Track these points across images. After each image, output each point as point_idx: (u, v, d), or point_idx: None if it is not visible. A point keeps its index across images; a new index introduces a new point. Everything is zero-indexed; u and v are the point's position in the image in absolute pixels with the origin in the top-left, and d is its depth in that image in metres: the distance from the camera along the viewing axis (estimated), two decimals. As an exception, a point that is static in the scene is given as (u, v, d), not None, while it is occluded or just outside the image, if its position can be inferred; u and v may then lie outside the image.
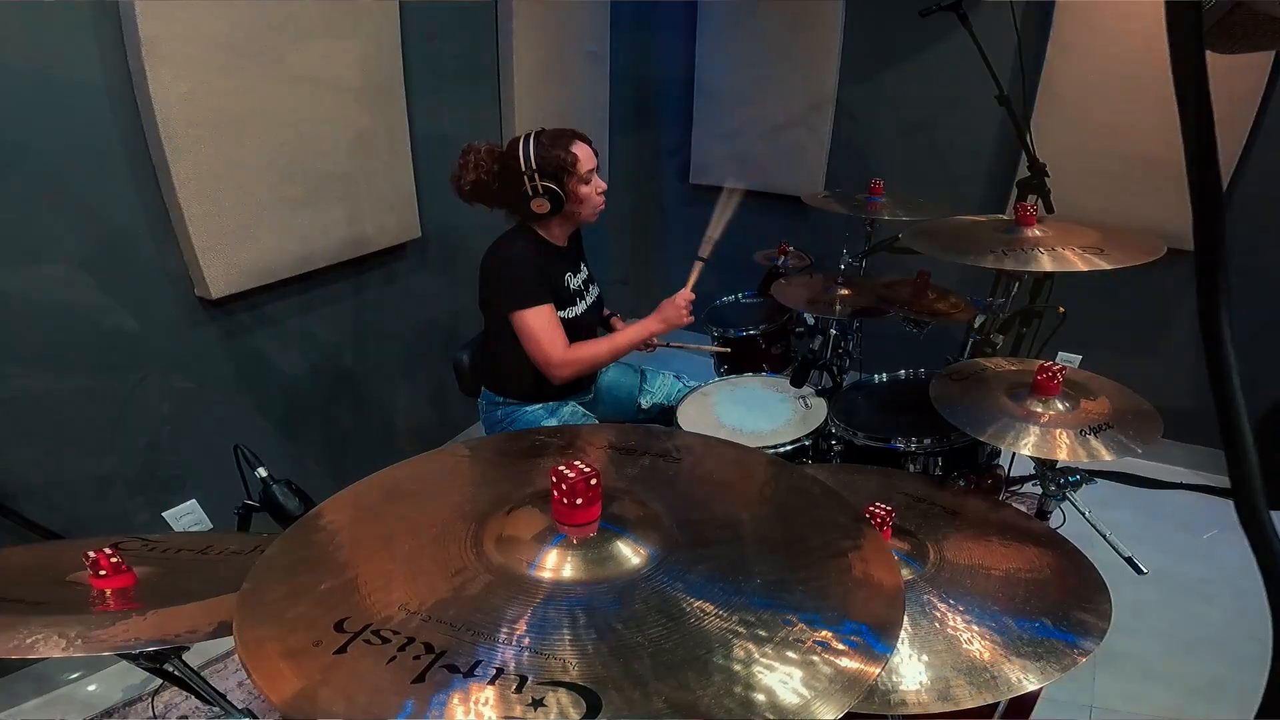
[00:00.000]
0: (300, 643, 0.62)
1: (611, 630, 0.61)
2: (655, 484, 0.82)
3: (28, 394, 1.57)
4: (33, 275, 1.53)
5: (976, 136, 2.60)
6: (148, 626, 0.81)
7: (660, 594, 0.66)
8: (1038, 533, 1.18)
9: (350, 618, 0.64)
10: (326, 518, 0.82)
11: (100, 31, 1.50)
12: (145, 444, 1.81)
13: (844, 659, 0.60)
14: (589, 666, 0.58)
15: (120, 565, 0.94)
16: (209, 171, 1.69)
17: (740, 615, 0.64)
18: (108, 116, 1.56)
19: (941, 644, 0.96)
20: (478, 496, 0.83)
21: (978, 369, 1.43)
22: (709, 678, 0.58)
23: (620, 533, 0.71)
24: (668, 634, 0.61)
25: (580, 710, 0.55)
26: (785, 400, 1.84)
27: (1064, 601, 1.03)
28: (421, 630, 0.62)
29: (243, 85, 1.71)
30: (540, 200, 1.60)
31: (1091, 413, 1.25)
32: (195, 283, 1.78)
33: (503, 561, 0.69)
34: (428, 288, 2.45)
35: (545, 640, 0.61)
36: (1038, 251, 1.47)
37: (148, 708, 1.81)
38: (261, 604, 0.69)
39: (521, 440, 0.99)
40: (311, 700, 0.57)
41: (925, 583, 1.04)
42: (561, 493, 0.68)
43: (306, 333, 2.12)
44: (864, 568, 0.72)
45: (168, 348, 1.79)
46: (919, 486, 1.29)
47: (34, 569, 0.99)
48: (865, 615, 0.65)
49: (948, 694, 0.91)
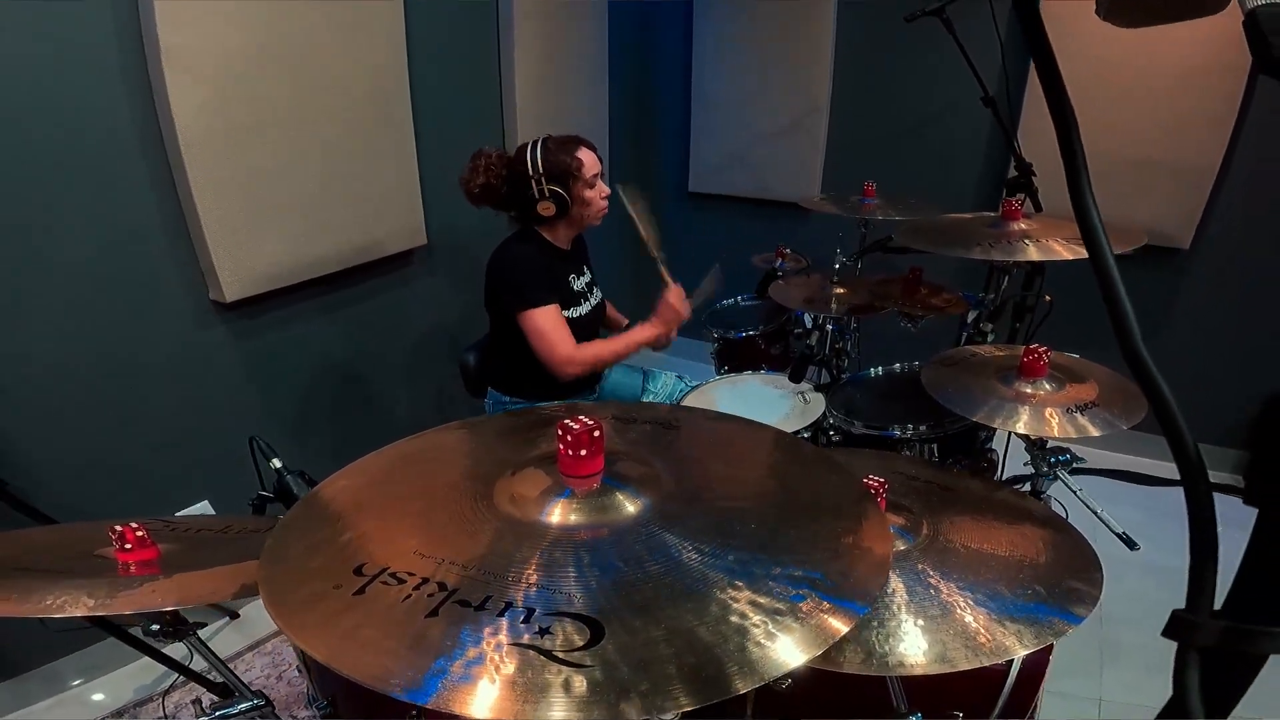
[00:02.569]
0: (321, 587, 0.66)
1: (614, 569, 0.65)
2: (655, 447, 0.86)
3: (43, 394, 1.62)
4: (51, 277, 1.59)
5: (967, 139, 2.67)
6: (171, 587, 0.85)
7: (659, 538, 0.70)
8: (1032, 509, 1.21)
9: (367, 564, 0.68)
10: (342, 483, 0.86)
11: (122, 41, 1.58)
12: (157, 445, 1.85)
13: (821, 613, 0.62)
14: (593, 600, 0.62)
15: (145, 539, 0.98)
16: (224, 178, 1.76)
17: (734, 557, 0.67)
18: (128, 124, 1.63)
19: (937, 610, 0.99)
20: (485, 461, 0.87)
21: (968, 355, 1.47)
22: (707, 610, 0.62)
23: (621, 486, 0.75)
24: (666, 572, 0.65)
25: (585, 637, 0.59)
26: (784, 396, 1.88)
27: (1056, 571, 1.06)
28: (435, 572, 0.66)
29: (258, 94, 1.78)
30: (546, 203, 1.67)
31: (1079, 393, 1.29)
32: (210, 286, 1.84)
33: (511, 513, 0.73)
34: (434, 293, 2.51)
35: (552, 578, 0.65)
36: (1024, 243, 1.52)
37: (159, 708, 1.82)
38: (284, 557, 0.73)
39: (527, 415, 1.03)
40: (331, 637, 0.61)
41: (919, 553, 1.07)
42: (567, 444, 0.73)
43: (317, 336, 2.18)
44: (855, 532, 0.75)
45: (181, 350, 1.85)
46: (915, 468, 1.32)
47: (59, 545, 1.03)
48: (847, 575, 0.67)
49: (944, 656, 0.94)
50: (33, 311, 1.57)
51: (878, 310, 1.95)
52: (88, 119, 1.57)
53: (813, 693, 1.13)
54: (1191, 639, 0.32)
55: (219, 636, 2.03)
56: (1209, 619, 0.32)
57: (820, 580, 0.66)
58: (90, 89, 1.56)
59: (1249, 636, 0.31)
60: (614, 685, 0.55)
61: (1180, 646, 0.34)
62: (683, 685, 0.55)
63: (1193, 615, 0.33)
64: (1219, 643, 0.32)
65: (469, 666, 0.57)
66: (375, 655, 0.59)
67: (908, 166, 2.80)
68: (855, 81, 2.85)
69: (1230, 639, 0.32)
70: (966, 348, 1.55)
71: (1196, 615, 0.33)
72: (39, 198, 1.53)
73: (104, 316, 1.68)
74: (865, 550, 0.72)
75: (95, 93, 1.57)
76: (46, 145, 1.52)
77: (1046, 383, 1.31)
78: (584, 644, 0.58)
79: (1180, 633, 0.33)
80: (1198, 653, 0.33)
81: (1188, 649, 0.33)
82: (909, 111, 2.78)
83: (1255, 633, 0.31)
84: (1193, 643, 0.32)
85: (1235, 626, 0.31)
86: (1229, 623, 0.32)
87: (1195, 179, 2.34)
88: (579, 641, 0.59)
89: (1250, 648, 0.31)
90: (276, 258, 1.93)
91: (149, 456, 1.84)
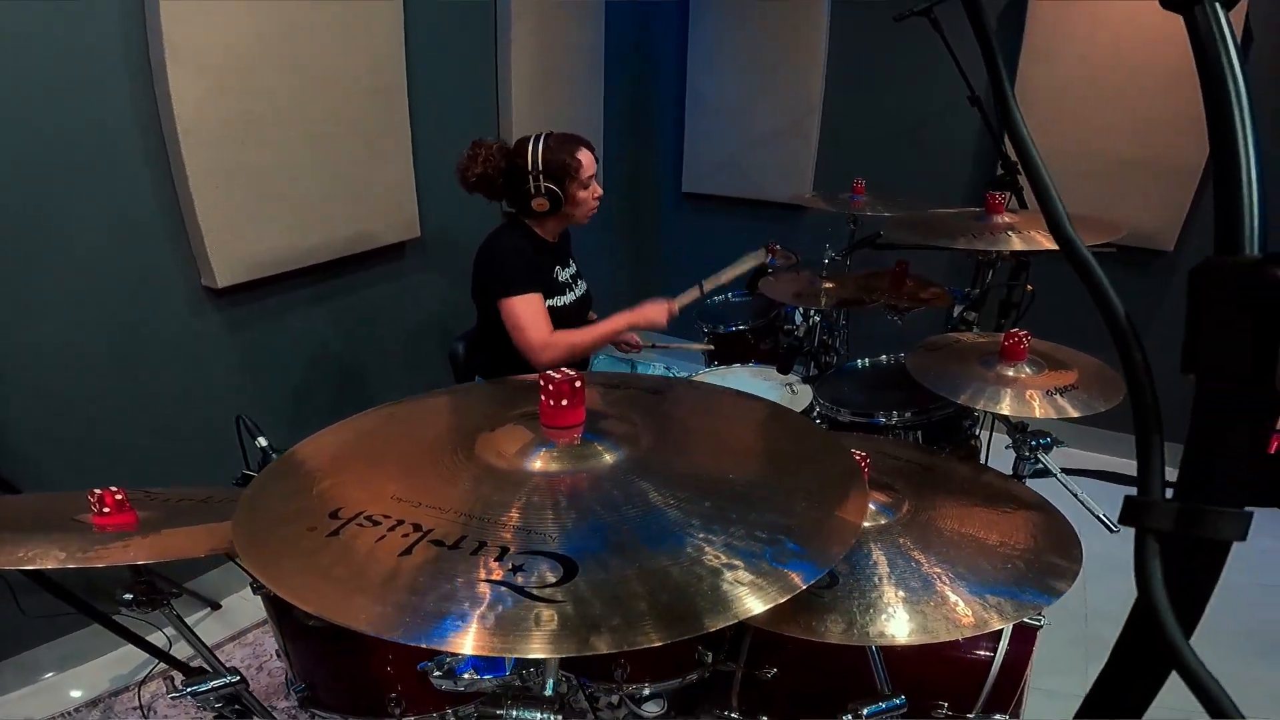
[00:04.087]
0: (295, 531, 0.66)
1: (591, 512, 0.66)
2: (638, 408, 0.87)
3: (34, 377, 1.62)
4: (49, 262, 1.59)
5: (957, 139, 2.71)
6: (144, 544, 0.84)
7: (636, 486, 0.70)
8: (1014, 490, 1.22)
9: (344, 508, 0.68)
10: (323, 440, 0.86)
11: (126, 34, 1.60)
12: (146, 429, 1.84)
13: (787, 561, 0.62)
14: (568, 540, 0.62)
15: (124, 503, 0.97)
16: (221, 167, 1.78)
17: (710, 504, 0.68)
18: (129, 114, 1.65)
19: (918, 582, 0.99)
20: (469, 419, 0.87)
21: (951, 341, 1.49)
22: (681, 552, 0.62)
23: (601, 439, 0.76)
24: (642, 516, 0.66)
25: (558, 575, 0.59)
26: (773, 388, 1.89)
27: (1036, 548, 1.06)
28: (411, 514, 0.66)
29: (257, 87, 1.80)
30: (541, 199, 1.68)
31: (1059, 377, 1.31)
32: (202, 272, 1.84)
33: (492, 462, 0.73)
34: (425, 285, 2.52)
35: (527, 521, 0.65)
36: (1007, 234, 1.54)
37: (134, 698, 1.79)
38: (259, 505, 0.73)
39: (513, 381, 1.04)
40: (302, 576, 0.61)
41: (901, 528, 1.07)
42: (548, 394, 0.73)
43: (308, 324, 2.18)
44: (830, 492, 0.75)
45: (173, 334, 1.85)
46: (900, 449, 1.33)
47: (39, 510, 1.02)
48: (813, 538, 0.66)
49: (925, 628, 0.93)
50: (31, 296, 1.58)
51: (865, 304, 1.97)
52: (91, 110, 1.59)
53: (796, 682, 1.12)
54: (1147, 521, 0.32)
55: (199, 627, 2.00)
56: (1162, 501, 0.32)
57: (793, 529, 0.66)
58: (94, 81, 1.58)
59: (1201, 517, 0.31)
60: (585, 620, 0.55)
61: (1138, 535, 0.34)
62: (654, 620, 0.56)
63: (1145, 496, 0.33)
64: (1174, 526, 0.32)
65: (440, 603, 0.57)
66: (345, 593, 0.59)
67: (898, 166, 2.84)
68: (848, 82, 2.90)
69: (1183, 521, 0.32)
70: (950, 334, 1.57)
71: (1149, 496, 0.33)
72: (40, 184, 1.55)
73: (99, 300, 1.69)
74: (838, 510, 0.72)
75: (99, 84, 1.59)
76: (50, 134, 1.54)
77: (1027, 366, 1.33)
78: (557, 581, 0.58)
79: (1134, 515, 0.33)
80: (1156, 541, 0.33)
81: (1145, 536, 0.33)
82: (901, 112, 2.83)
83: (1207, 512, 0.31)
84: (1149, 525, 0.33)
85: (1188, 506, 0.31)
86: (1182, 504, 0.32)
87: (1181, 180, 2.38)
88: (552, 579, 0.59)
89: (1204, 531, 0.31)
90: (269, 246, 1.94)
91: (138, 438, 1.83)
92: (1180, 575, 0.33)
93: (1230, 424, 0.29)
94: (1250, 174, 0.26)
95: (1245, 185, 0.26)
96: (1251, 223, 0.26)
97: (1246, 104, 0.27)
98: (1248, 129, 0.26)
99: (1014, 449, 1.35)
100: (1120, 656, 0.35)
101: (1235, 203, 0.26)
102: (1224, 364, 0.28)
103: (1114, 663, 0.35)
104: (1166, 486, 0.35)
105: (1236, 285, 0.26)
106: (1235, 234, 0.26)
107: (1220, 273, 0.27)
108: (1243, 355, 0.27)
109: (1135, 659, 0.34)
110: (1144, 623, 0.32)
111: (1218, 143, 0.27)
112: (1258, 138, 0.26)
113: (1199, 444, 0.32)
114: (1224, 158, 0.26)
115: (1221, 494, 0.31)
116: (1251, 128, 0.26)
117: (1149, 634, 0.31)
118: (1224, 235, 0.27)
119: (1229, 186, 0.26)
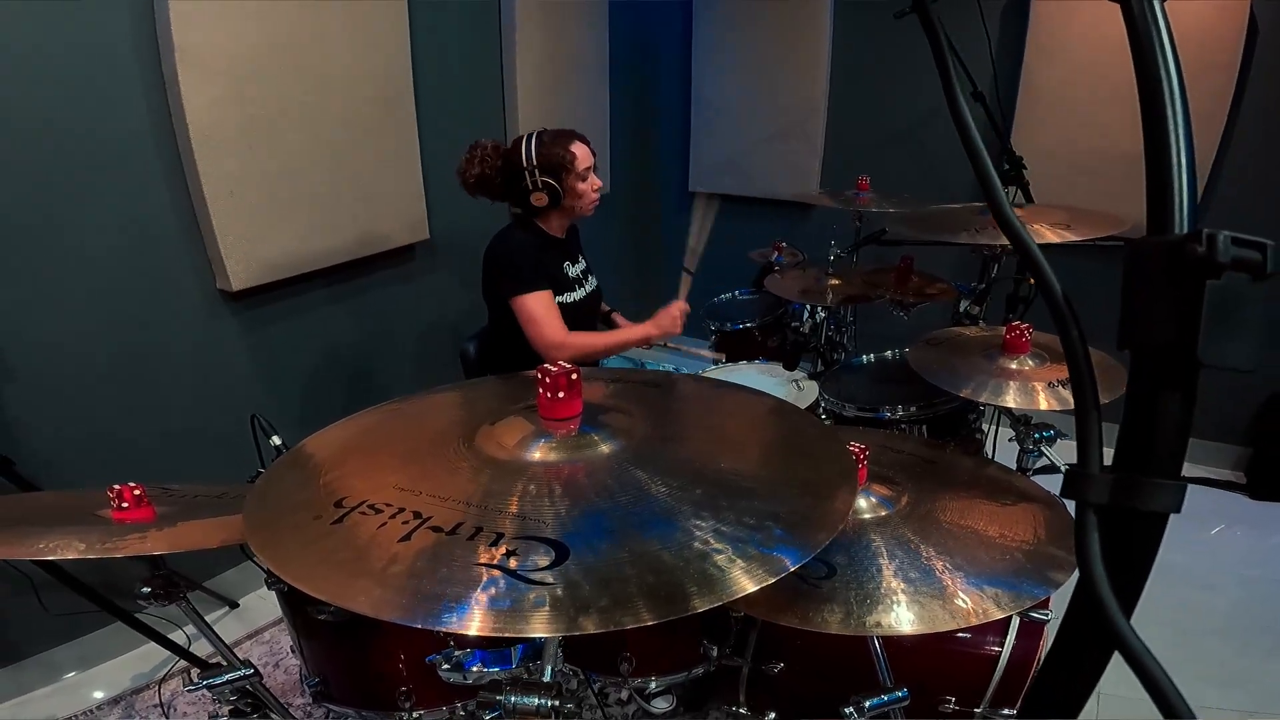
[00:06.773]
0: (302, 519, 0.69)
1: (585, 499, 0.68)
2: (636, 400, 0.88)
3: (52, 378, 1.67)
4: (66, 266, 1.64)
5: (961, 135, 2.70)
6: (161, 536, 0.87)
7: (630, 474, 0.72)
8: (1016, 483, 1.22)
9: (348, 497, 0.71)
10: (329, 436, 0.89)
11: (137, 39, 1.65)
12: (164, 429, 1.89)
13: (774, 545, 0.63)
14: (561, 525, 0.65)
15: (142, 498, 1.01)
16: (234, 172, 1.82)
17: (701, 491, 0.69)
18: (143, 119, 1.69)
19: (917, 573, 1.00)
20: (468, 417, 0.89)
21: (954, 335, 1.49)
22: (671, 537, 0.64)
23: (598, 429, 0.78)
24: (635, 502, 0.67)
25: (550, 558, 0.61)
26: (780, 384, 1.90)
27: (1037, 539, 1.06)
28: (411, 503, 0.68)
29: (268, 91, 1.85)
30: (539, 194, 1.71)
31: (1062, 369, 1.30)
32: (217, 275, 1.89)
33: (491, 453, 0.76)
34: (436, 286, 2.56)
35: (523, 508, 0.67)
36: (1011, 227, 1.54)
37: (154, 696, 1.83)
38: (269, 496, 0.76)
39: (518, 377, 1.06)
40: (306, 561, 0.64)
41: (900, 519, 1.08)
42: (546, 386, 0.75)
43: (320, 326, 2.22)
44: (817, 486, 0.76)
45: (188, 336, 1.89)
46: (903, 443, 1.33)
47: (61, 506, 1.06)
48: (799, 525, 0.68)
49: (924, 617, 0.94)
50: (51, 300, 1.63)
51: (871, 300, 1.97)
52: (104, 114, 1.63)
53: (802, 677, 1.13)
54: (1086, 493, 0.34)
55: (218, 625, 2.04)
56: (1098, 474, 0.34)
57: (781, 516, 0.67)
58: (107, 86, 1.63)
59: (1136, 488, 0.32)
60: (575, 601, 0.57)
61: (1078, 508, 0.35)
62: (643, 601, 0.57)
63: (1083, 469, 0.34)
64: (1111, 497, 0.33)
65: (437, 585, 0.59)
66: (347, 577, 0.61)
67: (903, 163, 2.83)
68: (852, 80, 2.90)
69: (1119, 492, 0.33)
70: (953, 329, 1.57)
71: (1087, 469, 0.34)
72: (57, 189, 1.59)
73: (117, 304, 1.74)
74: (827, 499, 0.73)
75: (112, 89, 1.63)
76: (67, 141, 1.58)
77: (1029, 359, 1.33)
78: (548, 564, 0.61)
79: (1074, 488, 0.34)
80: (1095, 514, 0.34)
81: (1085, 509, 0.34)
82: (905, 108, 2.82)
83: (1142, 483, 0.32)
84: (1087, 498, 0.34)
85: (1123, 477, 0.33)
86: (1117, 475, 0.33)
87: (1188, 175, 2.35)
88: (543, 562, 0.61)
89: (1139, 502, 0.32)
90: (282, 249, 1.98)
91: (156, 438, 1.88)
92: (1119, 548, 0.34)
93: (1163, 396, 0.30)
94: (1180, 158, 0.27)
95: (1175, 169, 0.27)
96: (1181, 204, 0.27)
97: (1179, 92, 0.28)
98: (1179, 116, 0.27)
99: (1017, 441, 1.35)
100: (1065, 634, 0.36)
101: (1166, 185, 0.28)
102: (1154, 337, 0.29)
103: (1060, 640, 0.36)
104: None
105: (1163, 262, 0.27)
106: (1165, 215, 0.28)
107: (1149, 251, 0.28)
108: (1169, 327, 0.28)
109: (1080, 636, 0.35)
110: (1085, 598, 0.33)
111: (1150, 129, 0.28)
112: (1189, 125, 0.27)
113: (1134, 417, 0.33)
114: (1155, 143, 0.28)
115: (1157, 465, 0.32)
116: (1183, 115, 0.28)
117: (1090, 609, 0.32)
118: (1155, 216, 0.28)
119: (1160, 170, 0.28)
